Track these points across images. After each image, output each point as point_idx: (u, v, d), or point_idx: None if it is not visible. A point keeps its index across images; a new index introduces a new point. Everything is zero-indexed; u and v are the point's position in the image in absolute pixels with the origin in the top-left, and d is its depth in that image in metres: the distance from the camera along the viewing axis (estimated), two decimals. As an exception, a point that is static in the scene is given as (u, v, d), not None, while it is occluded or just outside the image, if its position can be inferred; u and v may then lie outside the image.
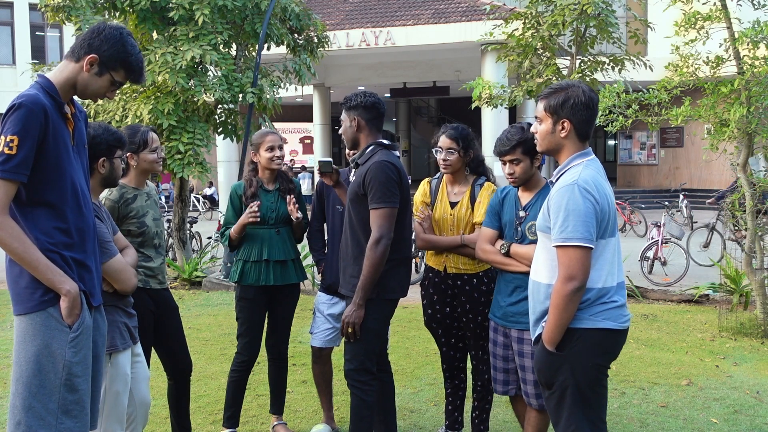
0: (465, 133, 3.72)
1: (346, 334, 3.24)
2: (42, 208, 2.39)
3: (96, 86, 2.48)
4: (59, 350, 2.37)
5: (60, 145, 2.39)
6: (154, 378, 4.70)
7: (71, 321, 2.40)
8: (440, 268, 3.75)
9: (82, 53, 2.45)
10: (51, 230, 2.40)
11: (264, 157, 3.99)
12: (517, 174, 3.30)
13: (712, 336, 6.50)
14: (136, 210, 3.40)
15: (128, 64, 2.49)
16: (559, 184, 2.64)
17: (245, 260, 3.97)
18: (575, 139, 2.67)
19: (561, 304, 2.55)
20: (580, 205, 2.53)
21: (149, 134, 3.48)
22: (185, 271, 9.47)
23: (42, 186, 2.38)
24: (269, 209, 3.99)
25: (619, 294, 2.65)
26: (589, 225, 2.53)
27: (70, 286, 2.39)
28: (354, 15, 18.18)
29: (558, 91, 2.66)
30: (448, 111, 31.21)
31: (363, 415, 3.32)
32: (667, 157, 23.81)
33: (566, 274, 2.53)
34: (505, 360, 3.41)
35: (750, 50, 6.48)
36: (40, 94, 2.36)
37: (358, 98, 3.38)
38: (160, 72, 8.28)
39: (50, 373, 2.37)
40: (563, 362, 2.61)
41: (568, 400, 2.62)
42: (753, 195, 6.61)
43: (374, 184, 3.19)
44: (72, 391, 2.39)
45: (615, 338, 2.63)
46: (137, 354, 3.11)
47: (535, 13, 9.00)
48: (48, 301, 2.38)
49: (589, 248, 2.53)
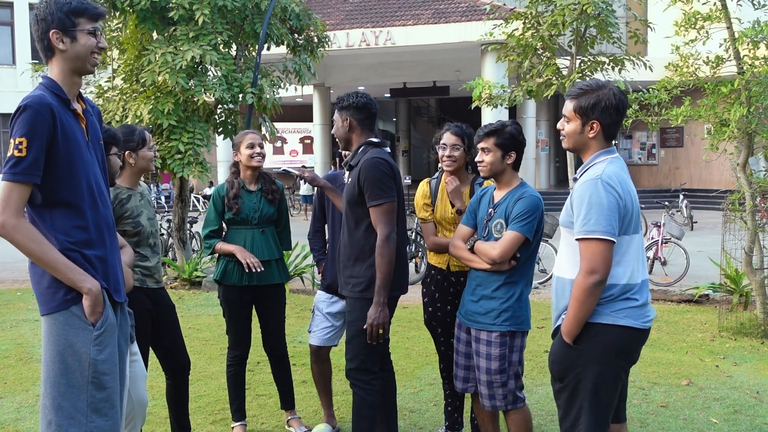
0: (468, 131, 3.75)
1: (375, 336, 3.22)
2: (59, 207, 2.39)
3: (83, 50, 2.43)
4: (84, 348, 2.38)
5: (71, 143, 2.39)
6: (153, 378, 4.70)
7: (94, 319, 2.40)
8: (443, 266, 3.76)
9: (46, 41, 2.41)
10: (70, 229, 2.40)
11: (244, 155, 4.01)
12: (485, 163, 3.32)
13: (712, 336, 6.50)
14: (131, 210, 3.42)
15: (79, 9, 2.42)
16: (582, 179, 2.65)
17: (228, 260, 3.99)
18: (602, 139, 2.68)
19: (581, 297, 2.55)
20: (603, 199, 2.54)
21: (146, 132, 3.53)
22: (185, 271, 9.46)
23: (56, 186, 2.38)
24: (252, 209, 4.01)
25: (642, 292, 2.64)
26: (612, 219, 2.53)
27: (91, 285, 2.39)
28: (354, 15, 18.18)
29: (588, 92, 2.65)
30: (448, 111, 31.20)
31: (364, 414, 3.33)
32: (667, 157, 23.82)
33: (588, 267, 2.53)
34: (467, 357, 3.42)
35: (750, 50, 6.48)
36: (45, 95, 2.36)
37: (350, 98, 3.39)
38: (160, 72, 8.28)
39: (76, 371, 2.37)
40: (579, 356, 2.61)
41: (580, 395, 2.62)
42: (753, 195, 6.62)
43: (370, 181, 3.21)
44: (100, 388, 2.40)
45: (634, 337, 2.63)
46: (134, 353, 3.11)
47: (535, 13, 9.00)
48: (70, 300, 2.38)
49: (611, 242, 2.53)
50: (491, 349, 3.26)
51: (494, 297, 3.26)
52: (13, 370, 5.52)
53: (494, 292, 3.26)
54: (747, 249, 6.69)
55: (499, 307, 3.24)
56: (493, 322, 3.25)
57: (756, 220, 6.68)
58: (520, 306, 3.25)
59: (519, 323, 3.25)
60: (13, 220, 2.29)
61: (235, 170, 4.11)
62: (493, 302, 3.26)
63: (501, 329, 3.24)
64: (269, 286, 4.05)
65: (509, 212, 3.22)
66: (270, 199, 4.06)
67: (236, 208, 3.97)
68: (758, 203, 6.79)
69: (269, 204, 4.06)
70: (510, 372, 3.26)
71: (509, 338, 3.24)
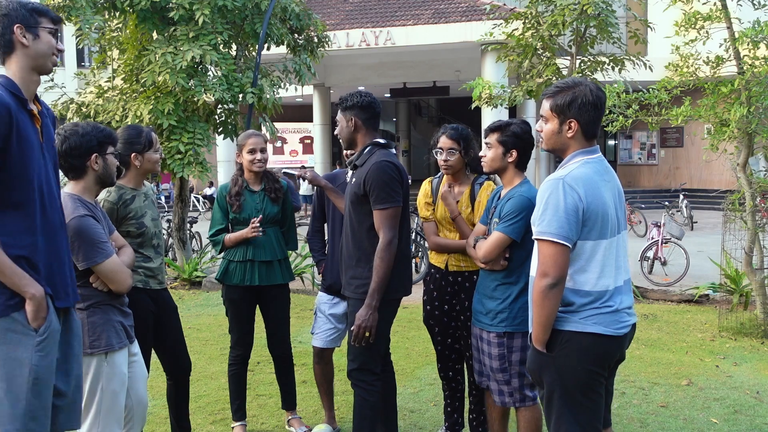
0: (465, 133, 3.72)
1: (361, 338, 3.20)
2: (7, 209, 2.31)
3: (45, 47, 2.42)
4: (26, 354, 2.32)
5: (24, 144, 2.33)
6: (153, 378, 4.70)
7: (37, 324, 2.35)
8: (442, 266, 3.77)
9: (8, 36, 2.38)
10: (16, 232, 2.33)
11: (246, 160, 4.01)
12: (486, 159, 3.33)
13: (712, 336, 6.50)
14: (135, 211, 3.40)
15: (41, 9, 2.43)
16: (548, 177, 2.59)
17: (230, 260, 4.00)
18: (581, 138, 2.60)
19: (537, 300, 2.51)
20: (560, 200, 2.46)
21: (152, 134, 3.50)
22: (185, 271, 9.46)
23: (7, 187, 2.30)
24: (255, 209, 4.00)
25: (616, 298, 2.56)
26: (568, 222, 2.45)
27: (35, 290, 2.33)
28: (354, 15, 18.17)
29: (564, 90, 2.58)
30: (448, 111, 31.21)
31: (365, 415, 3.32)
32: (667, 157, 23.82)
33: (540, 269, 2.49)
34: (479, 351, 3.43)
35: (750, 50, 6.48)
36: (3, 94, 2.30)
37: (354, 98, 3.37)
38: (160, 72, 8.28)
39: (17, 377, 2.31)
40: (550, 363, 2.56)
41: (555, 402, 2.57)
42: (753, 195, 6.62)
43: (377, 184, 3.19)
44: (38, 396, 2.35)
45: (606, 344, 2.54)
46: (134, 353, 3.10)
47: (535, 13, 9.00)
48: (13, 306, 2.32)
49: (563, 245, 2.45)
50: (491, 348, 3.27)
51: (492, 297, 3.27)
52: None
53: (492, 292, 3.27)
54: (747, 249, 6.69)
55: (496, 308, 3.25)
56: (491, 323, 3.26)
57: (756, 220, 6.68)
58: (518, 307, 3.22)
59: (517, 324, 3.22)
60: None
61: (240, 167, 4.10)
62: (491, 302, 3.27)
63: (497, 330, 3.24)
64: (273, 286, 4.05)
65: (501, 211, 3.23)
66: (273, 198, 4.05)
67: (237, 206, 3.97)
68: (758, 203, 6.79)
69: (272, 203, 4.05)
70: (512, 371, 3.25)
71: (507, 339, 3.23)
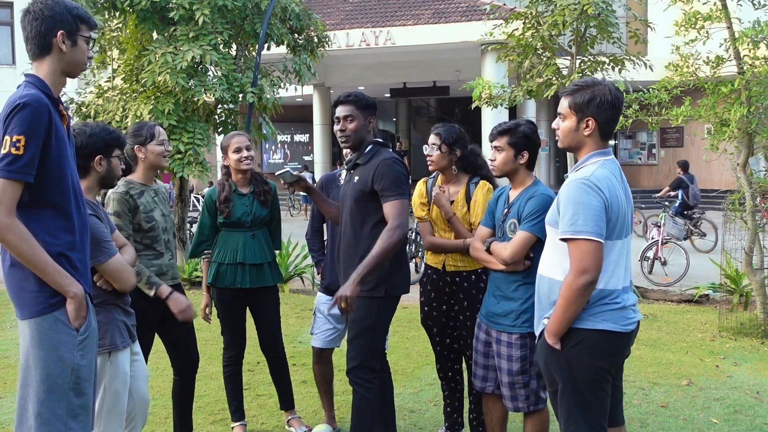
0: (451, 130, 3.70)
1: (340, 308, 3.11)
2: (47, 208, 2.37)
3: (80, 56, 2.46)
4: (68, 354, 2.35)
5: (61, 144, 2.38)
6: (154, 378, 4.70)
7: (78, 324, 2.38)
8: (439, 266, 3.76)
9: (48, 38, 2.41)
10: (56, 231, 2.37)
11: (232, 159, 4.00)
12: (496, 162, 3.33)
13: (712, 336, 6.50)
14: (144, 205, 3.43)
15: (84, 16, 2.46)
16: (571, 178, 2.63)
17: (220, 263, 3.99)
18: (597, 137, 2.65)
19: (571, 297, 2.53)
20: (591, 200, 2.52)
21: (156, 128, 3.53)
22: (185, 271, 9.46)
23: (46, 186, 2.35)
24: (244, 213, 3.99)
25: (623, 296, 2.62)
26: (600, 221, 2.51)
27: (77, 289, 2.36)
28: (354, 15, 18.17)
29: (584, 88, 2.63)
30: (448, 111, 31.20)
31: (365, 412, 3.33)
32: (667, 157, 23.80)
33: (579, 267, 2.51)
34: (485, 357, 3.41)
35: (750, 50, 6.48)
36: (41, 95, 2.34)
37: (368, 99, 3.39)
38: (160, 72, 8.27)
39: (59, 377, 2.34)
40: (561, 360, 2.60)
41: (565, 399, 2.61)
42: (753, 195, 6.62)
43: (388, 178, 3.22)
44: (79, 394, 2.38)
45: (615, 340, 2.60)
46: (136, 353, 3.11)
47: (535, 13, 8.99)
48: (55, 304, 2.35)
49: (599, 242, 2.51)
50: (512, 350, 3.24)
51: (513, 298, 3.25)
52: (13, 370, 5.51)
53: (512, 293, 3.25)
54: (747, 249, 6.69)
55: (518, 308, 3.23)
56: (512, 324, 3.24)
57: (756, 220, 6.68)
58: None
59: None
60: (6, 219, 2.25)
61: (227, 172, 4.09)
62: (512, 303, 3.25)
63: (521, 331, 3.22)
64: (263, 288, 4.05)
65: (521, 212, 3.22)
66: (263, 200, 4.04)
67: (227, 212, 3.96)
68: (758, 203, 6.79)
69: (262, 206, 4.04)
70: (532, 372, 3.24)
71: (529, 339, 3.21)
